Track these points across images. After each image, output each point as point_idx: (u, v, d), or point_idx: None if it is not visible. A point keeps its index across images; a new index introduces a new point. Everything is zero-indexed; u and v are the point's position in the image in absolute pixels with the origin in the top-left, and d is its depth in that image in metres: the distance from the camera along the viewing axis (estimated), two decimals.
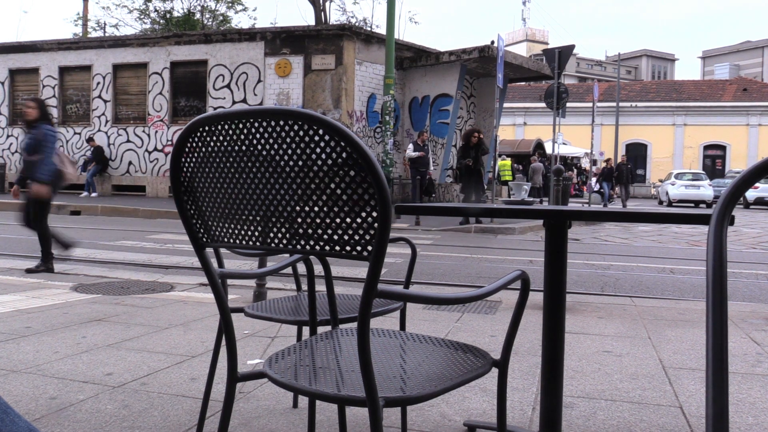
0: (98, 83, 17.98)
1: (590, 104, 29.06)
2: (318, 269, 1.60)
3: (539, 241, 9.25)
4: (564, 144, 31.75)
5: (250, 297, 4.04)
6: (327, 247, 1.08)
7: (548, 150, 26.58)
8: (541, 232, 10.52)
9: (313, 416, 1.81)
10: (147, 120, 17.41)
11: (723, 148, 38.34)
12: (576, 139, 35.92)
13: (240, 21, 56.57)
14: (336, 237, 1.07)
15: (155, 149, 17.27)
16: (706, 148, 38.69)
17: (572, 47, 14.52)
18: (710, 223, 0.93)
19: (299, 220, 1.10)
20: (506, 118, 37.42)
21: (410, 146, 12.92)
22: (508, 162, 22.82)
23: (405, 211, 1.66)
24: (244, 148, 1.12)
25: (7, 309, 3.67)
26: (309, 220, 1.09)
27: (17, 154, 18.87)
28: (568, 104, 17.79)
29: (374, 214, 1.01)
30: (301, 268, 1.84)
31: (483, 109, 19.03)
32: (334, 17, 31.14)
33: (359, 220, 1.03)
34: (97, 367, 2.58)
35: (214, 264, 1.32)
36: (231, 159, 1.14)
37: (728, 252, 0.93)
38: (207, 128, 1.15)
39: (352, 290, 3.79)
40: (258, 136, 1.09)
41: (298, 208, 1.10)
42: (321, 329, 1.58)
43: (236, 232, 1.20)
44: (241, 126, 1.10)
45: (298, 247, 1.12)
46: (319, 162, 1.04)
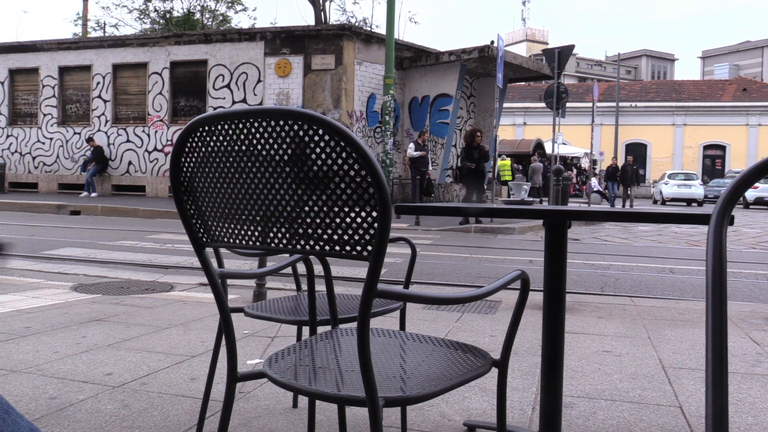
0: (98, 83, 17.98)
1: (590, 104, 29.08)
2: (318, 269, 1.60)
3: (539, 241, 9.25)
4: (564, 144, 31.77)
5: (250, 297, 4.04)
6: (327, 247, 1.08)
7: (548, 150, 26.59)
8: (540, 232, 10.52)
9: (313, 416, 1.81)
10: (147, 120, 17.41)
11: (723, 148, 38.36)
12: (576, 139, 35.94)
13: (240, 21, 56.56)
14: (336, 237, 1.07)
15: (155, 149, 17.27)
16: (706, 148, 38.72)
17: (572, 47, 14.53)
18: (710, 223, 0.93)
19: (299, 220, 1.10)
20: (506, 118, 37.43)
21: (411, 145, 12.93)
22: (508, 162, 22.82)
23: (405, 211, 1.67)
24: (243, 148, 1.12)
25: (7, 309, 3.67)
26: (309, 220, 1.09)
27: (17, 154, 18.88)
28: (568, 104, 17.80)
29: (374, 214, 1.01)
30: (301, 268, 1.84)
31: (483, 109, 19.03)
32: (334, 17, 31.21)
33: (359, 220, 1.03)
34: (96, 367, 2.58)
35: (214, 264, 1.32)
36: (231, 159, 1.14)
37: (728, 252, 0.93)
38: (207, 128, 1.15)
39: (352, 290, 3.79)
40: (258, 136, 1.09)
41: (297, 208, 1.10)
42: (321, 329, 1.58)
43: (236, 232, 1.20)
44: (240, 126, 1.11)
45: (298, 247, 1.12)
46: (319, 162, 1.04)
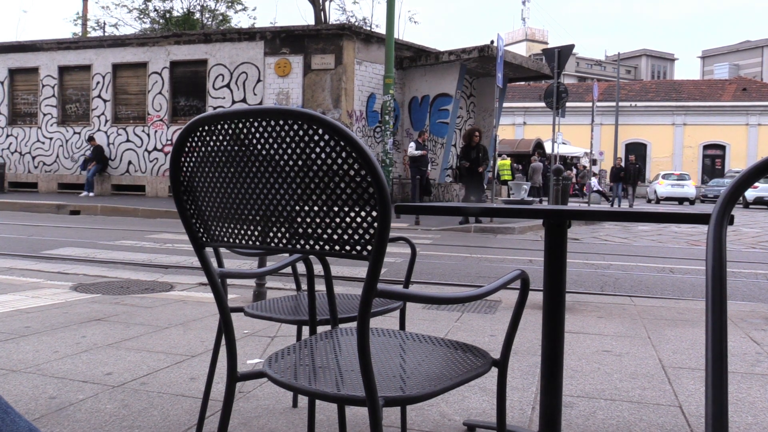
0: (98, 83, 17.97)
1: (590, 104, 29.09)
2: (318, 269, 1.60)
3: (539, 240, 9.25)
4: (564, 144, 31.77)
5: (250, 296, 4.04)
6: (327, 247, 1.08)
7: (548, 150, 26.58)
8: (540, 231, 10.52)
9: (313, 416, 1.81)
10: (147, 120, 17.41)
11: (722, 147, 38.36)
12: (575, 138, 35.94)
13: (240, 21, 56.56)
14: (336, 236, 1.07)
15: (155, 149, 17.26)
16: (706, 147, 38.72)
17: (572, 47, 14.53)
18: (710, 222, 0.93)
19: (299, 219, 1.10)
20: (506, 117, 37.43)
21: (412, 144, 12.93)
22: (508, 162, 22.83)
23: (405, 211, 1.66)
24: (243, 147, 1.12)
25: (7, 309, 3.66)
26: (309, 220, 1.09)
27: (17, 153, 18.87)
28: (568, 104, 17.79)
29: (374, 213, 1.01)
30: (301, 267, 1.84)
31: (483, 109, 19.03)
32: (334, 17, 31.21)
33: (359, 219, 1.03)
34: (96, 366, 2.58)
35: (214, 264, 1.32)
36: (231, 159, 1.14)
37: (728, 251, 0.93)
38: (207, 128, 1.15)
39: (352, 290, 3.79)
40: (258, 135, 1.09)
41: (297, 207, 1.10)
42: (321, 329, 1.58)
43: (236, 231, 1.20)
44: (240, 126, 1.11)
45: (298, 246, 1.12)
46: (319, 162, 1.04)
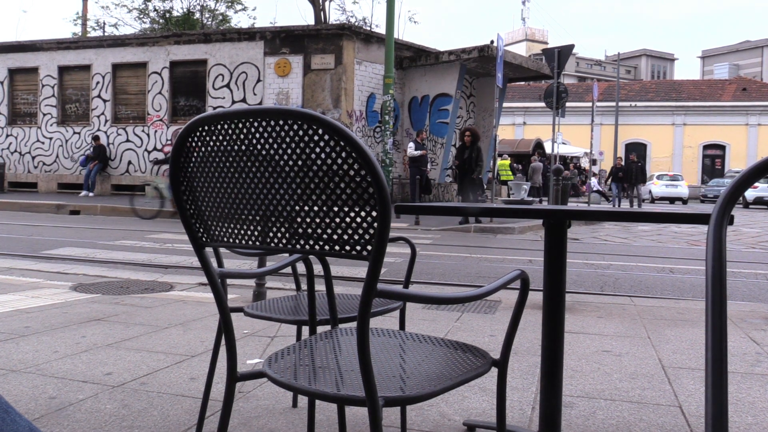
0: (97, 83, 17.97)
1: (590, 104, 29.10)
2: (317, 269, 1.60)
3: (539, 240, 9.25)
4: (563, 144, 31.77)
5: (250, 296, 4.04)
6: (326, 247, 1.08)
7: (548, 150, 26.58)
8: (540, 231, 10.52)
9: (313, 416, 1.81)
10: (146, 119, 17.41)
11: (722, 147, 38.36)
12: (575, 138, 35.93)
13: (239, 20, 56.58)
14: (335, 237, 1.07)
15: (155, 149, 17.26)
16: (706, 147, 38.72)
17: (572, 47, 14.52)
18: (710, 222, 0.93)
19: (299, 219, 1.10)
20: (506, 117, 37.43)
21: (411, 145, 12.93)
22: (508, 162, 22.81)
23: (405, 211, 1.66)
24: (243, 147, 1.12)
25: (6, 309, 3.66)
26: (308, 220, 1.09)
27: (17, 153, 18.87)
28: (568, 104, 17.78)
29: (374, 213, 1.01)
30: (301, 267, 1.84)
31: (483, 109, 19.03)
32: (334, 17, 31.21)
33: (359, 219, 1.03)
34: (96, 366, 2.58)
35: (214, 264, 1.32)
36: (231, 159, 1.14)
37: (728, 251, 0.93)
38: (206, 128, 1.15)
39: (352, 290, 3.79)
40: (258, 135, 1.09)
41: (297, 207, 1.09)
42: (320, 329, 1.58)
43: (236, 231, 1.20)
44: (240, 126, 1.11)
45: (298, 246, 1.12)
46: (319, 162, 1.04)
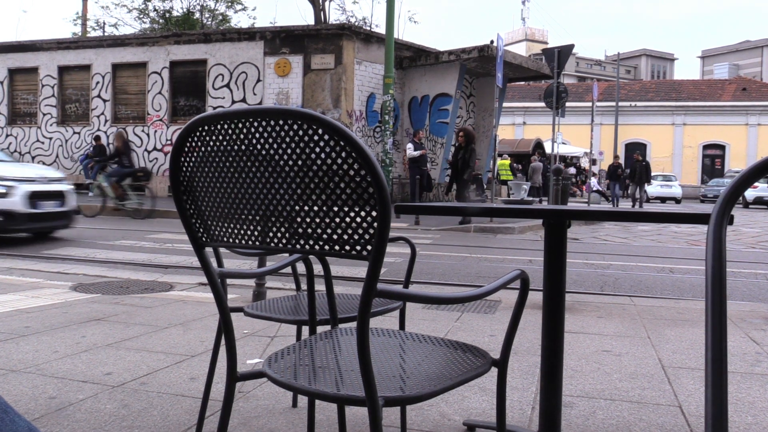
0: (97, 83, 17.97)
1: (589, 104, 29.09)
2: (317, 269, 1.60)
3: (539, 240, 9.25)
4: (563, 143, 31.77)
5: (250, 296, 4.04)
6: (326, 247, 1.08)
7: (548, 149, 26.57)
8: (540, 231, 10.51)
9: (313, 416, 1.81)
10: (146, 119, 17.41)
11: (722, 147, 38.36)
12: (575, 138, 35.92)
13: (239, 20, 56.55)
14: (335, 236, 1.07)
15: (154, 149, 17.26)
16: (706, 147, 38.71)
17: (571, 47, 14.53)
18: (709, 222, 0.93)
19: (299, 219, 1.10)
20: (506, 117, 37.42)
21: (410, 146, 12.93)
22: (508, 162, 22.81)
23: (405, 211, 1.66)
24: (243, 147, 1.12)
25: (7, 309, 3.66)
26: (308, 220, 1.09)
27: (17, 153, 18.86)
28: (568, 104, 17.77)
29: (374, 213, 1.01)
30: (301, 267, 1.84)
31: (482, 109, 19.03)
32: (334, 17, 31.19)
33: (359, 219, 1.03)
34: (96, 366, 2.58)
35: (214, 263, 1.32)
36: (230, 158, 1.14)
37: (727, 251, 0.93)
38: (206, 128, 1.15)
39: (352, 290, 3.79)
40: (257, 135, 1.09)
41: (297, 207, 1.09)
42: (320, 329, 1.58)
43: (236, 231, 1.20)
44: (240, 125, 1.10)
45: (298, 246, 1.12)
46: (319, 161, 1.04)
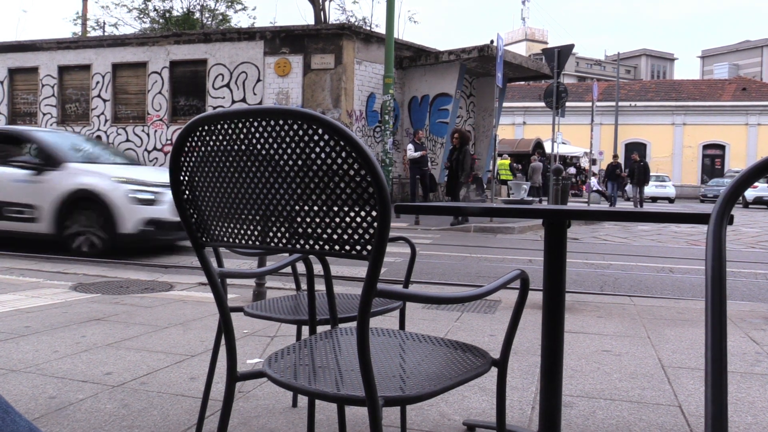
0: (97, 82, 17.96)
1: (589, 104, 29.08)
2: (317, 269, 1.60)
3: (539, 240, 9.25)
4: (563, 143, 31.77)
5: (250, 296, 4.04)
6: (326, 247, 1.08)
7: (547, 149, 26.57)
8: (540, 231, 10.51)
9: (313, 415, 1.81)
10: (146, 119, 17.40)
11: (722, 147, 38.35)
12: (575, 138, 35.92)
13: (239, 20, 56.52)
14: (335, 236, 1.07)
15: (155, 149, 17.25)
16: (706, 147, 38.71)
17: (571, 47, 14.53)
18: (709, 222, 0.93)
19: (299, 219, 1.10)
20: (506, 117, 37.41)
21: (410, 146, 12.91)
22: (507, 161, 22.80)
23: (405, 211, 1.66)
24: (243, 147, 1.12)
25: (6, 308, 3.66)
26: (308, 220, 1.09)
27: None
28: (568, 104, 17.76)
29: (374, 213, 1.01)
30: (301, 267, 1.84)
31: (482, 109, 19.02)
32: (334, 16, 31.15)
33: (359, 219, 1.03)
34: (96, 366, 2.58)
35: (214, 263, 1.32)
36: (230, 158, 1.14)
37: (727, 251, 0.93)
38: (206, 128, 1.15)
39: (352, 290, 3.79)
40: (258, 135, 1.09)
41: (297, 207, 1.10)
42: (320, 329, 1.58)
43: (235, 231, 1.20)
44: (240, 125, 1.11)
45: (298, 246, 1.12)
46: (319, 161, 1.04)
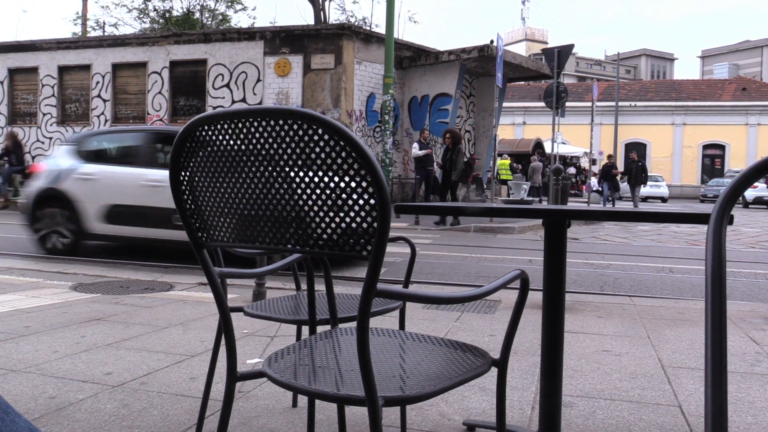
0: (97, 82, 17.96)
1: (589, 104, 29.08)
2: (317, 269, 1.60)
3: (538, 240, 9.25)
4: (563, 143, 31.78)
5: (250, 296, 4.04)
6: (326, 247, 1.08)
7: (547, 149, 26.58)
8: (540, 231, 10.51)
9: (313, 415, 1.81)
10: (146, 119, 17.39)
11: (722, 147, 38.35)
12: (575, 138, 35.92)
13: (239, 20, 56.51)
14: (335, 236, 1.07)
15: None
16: (705, 147, 38.71)
17: (571, 47, 14.52)
18: (709, 222, 0.93)
19: (298, 219, 1.10)
20: (505, 117, 37.41)
21: (415, 145, 12.85)
22: (507, 161, 22.80)
23: (405, 211, 1.66)
24: (243, 147, 1.12)
25: (6, 308, 3.66)
26: (308, 220, 1.09)
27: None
28: (568, 103, 17.75)
29: (374, 213, 1.01)
30: (301, 267, 1.83)
31: (482, 109, 19.02)
32: (334, 16, 31.15)
33: (359, 219, 1.03)
34: (96, 366, 2.58)
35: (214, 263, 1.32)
36: (231, 158, 1.14)
37: (727, 251, 0.93)
38: (206, 128, 1.15)
39: (352, 290, 3.79)
40: (258, 135, 1.09)
41: (297, 207, 1.09)
42: (320, 329, 1.58)
43: (236, 231, 1.20)
44: (240, 125, 1.10)
45: (298, 246, 1.12)
46: (319, 161, 1.04)
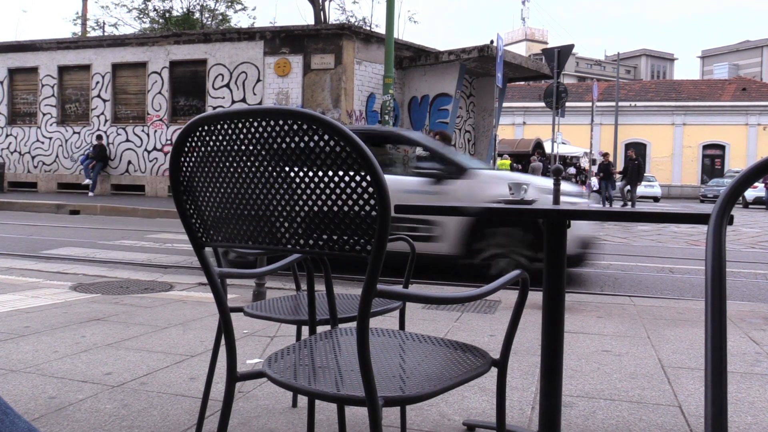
0: (97, 82, 17.96)
1: (589, 104, 29.13)
2: (317, 269, 1.60)
3: None
4: (563, 143, 31.78)
5: (250, 296, 4.04)
6: (326, 247, 1.08)
7: (547, 149, 26.58)
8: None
9: (313, 416, 1.81)
10: (146, 119, 17.39)
11: (722, 147, 38.36)
12: (575, 138, 35.94)
13: (239, 20, 56.50)
14: (335, 236, 1.07)
15: (154, 149, 17.25)
16: (705, 147, 38.72)
17: (571, 47, 14.54)
18: (709, 222, 0.93)
19: (298, 219, 1.10)
20: (505, 117, 37.42)
21: None
22: (507, 161, 22.80)
23: (404, 211, 1.66)
24: (243, 147, 1.12)
25: (6, 308, 3.66)
26: (308, 220, 1.09)
27: (16, 153, 18.86)
28: (568, 104, 17.75)
29: (374, 213, 1.01)
30: (300, 267, 1.83)
31: (482, 109, 19.02)
32: (334, 16, 31.16)
33: (359, 219, 1.03)
34: (96, 366, 2.58)
35: (214, 263, 1.32)
36: (230, 158, 1.14)
37: (727, 251, 0.92)
38: (206, 128, 1.15)
39: (352, 290, 3.79)
40: (258, 135, 1.09)
41: (297, 207, 1.10)
42: (320, 329, 1.58)
43: (235, 231, 1.20)
44: (240, 125, 1.10)
45: (298, 246, 1.12)
46: (319, 161, 1.04)
